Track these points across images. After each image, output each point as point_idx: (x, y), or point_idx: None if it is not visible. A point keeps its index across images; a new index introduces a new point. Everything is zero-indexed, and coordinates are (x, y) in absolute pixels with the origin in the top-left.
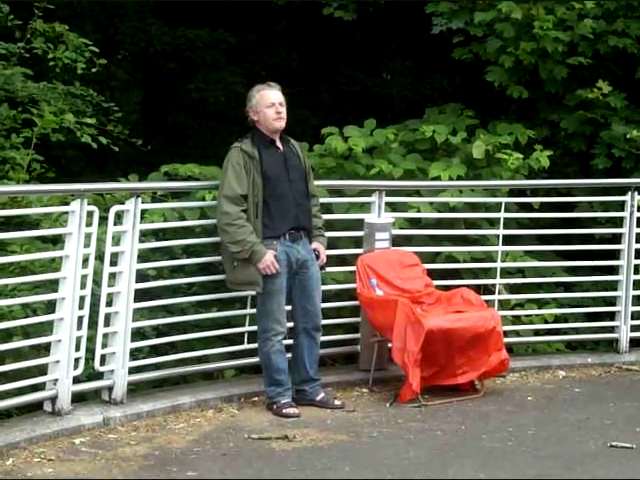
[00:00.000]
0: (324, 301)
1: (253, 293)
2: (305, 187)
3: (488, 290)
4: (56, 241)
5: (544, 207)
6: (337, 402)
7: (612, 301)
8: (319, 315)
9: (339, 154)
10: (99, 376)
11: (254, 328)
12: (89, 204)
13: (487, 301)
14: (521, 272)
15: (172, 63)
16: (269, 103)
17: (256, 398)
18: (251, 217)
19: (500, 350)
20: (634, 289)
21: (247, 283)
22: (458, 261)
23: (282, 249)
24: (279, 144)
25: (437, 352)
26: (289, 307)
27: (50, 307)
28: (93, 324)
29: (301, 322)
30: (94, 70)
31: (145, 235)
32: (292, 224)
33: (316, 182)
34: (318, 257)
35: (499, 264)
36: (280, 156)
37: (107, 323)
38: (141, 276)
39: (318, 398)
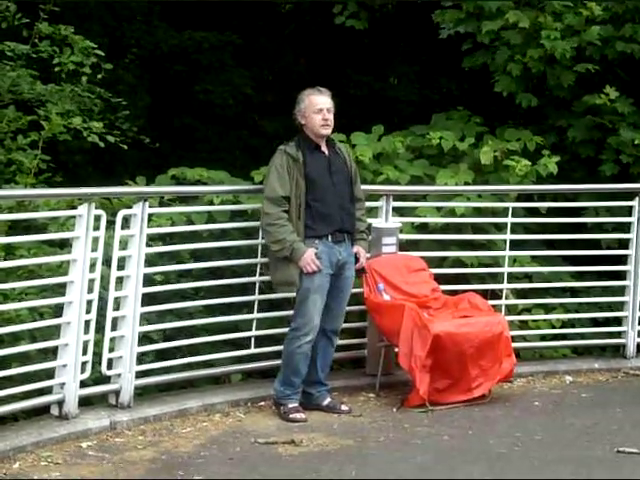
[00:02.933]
0: None
1: (260, 298)
2: (350, 191)
3: (495, 295)
4: (63, 245)
5: (551, 212)
6: (344, 407)
7: (619, 307)
8: (341, 319)
9: None
10: (106, 380)
11: (261, 332)
12: (96, 208)
13: (494, 306)
14: (528, 277)
15: (179, 65)
16: (317, 109)
17: (263, 403)
18: (293, 218)
19: (510, 356)
20: None
21: (285, 283)
22: (465, 266)
23: (323, 249)
24: (324, 148)
25: (449, 361)
26: None
27: (57, 311)
28: (100, 328)
29: (321, 322)
30: (99, 77)
31: (152, 239)
32: (335, 227)
33: None
34: (357, 260)
35: (506, 269)
36: (325, 160)
37: (114, 327)
38: (148, 280)
39: (324, 403)
